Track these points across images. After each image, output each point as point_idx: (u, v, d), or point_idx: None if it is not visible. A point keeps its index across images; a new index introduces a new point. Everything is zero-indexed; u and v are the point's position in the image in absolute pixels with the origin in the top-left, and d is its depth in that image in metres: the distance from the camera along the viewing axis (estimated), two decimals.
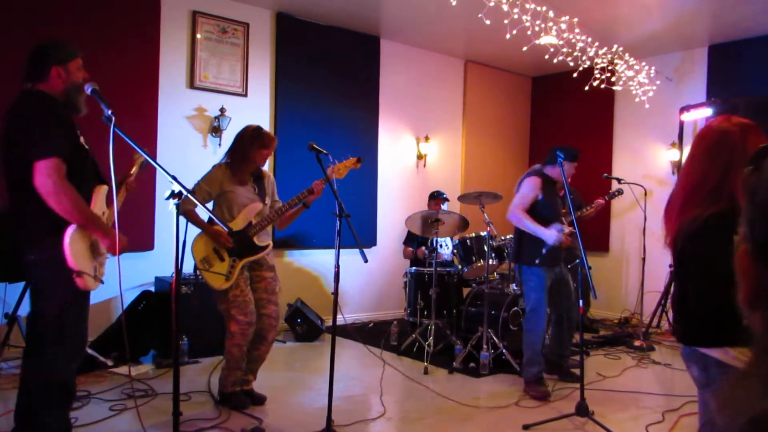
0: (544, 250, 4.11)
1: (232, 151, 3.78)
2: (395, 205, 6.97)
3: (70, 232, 2.47)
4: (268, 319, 3.77)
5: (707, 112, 6.18)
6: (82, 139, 2.66)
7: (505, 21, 4.85)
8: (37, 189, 2.44)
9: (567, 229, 4.06)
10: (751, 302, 0.68)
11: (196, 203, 3.30)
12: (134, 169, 3.04)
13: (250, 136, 3.74)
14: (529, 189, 4.23)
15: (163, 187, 5.25)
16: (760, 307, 0.67)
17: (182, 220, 2.43)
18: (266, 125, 6.02)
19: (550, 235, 4.05)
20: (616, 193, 5.16)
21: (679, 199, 1.92)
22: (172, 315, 2.48)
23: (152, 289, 5.13)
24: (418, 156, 7.28)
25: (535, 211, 4.21)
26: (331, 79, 6.43)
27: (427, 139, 7.27)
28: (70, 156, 2.51)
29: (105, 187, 2.71)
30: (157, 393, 3.94)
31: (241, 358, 3.71)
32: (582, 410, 3.60)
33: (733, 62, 6.47)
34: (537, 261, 4.14)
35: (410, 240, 6.12)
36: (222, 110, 5.59)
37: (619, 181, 6.13)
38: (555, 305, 4.43)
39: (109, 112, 2.52)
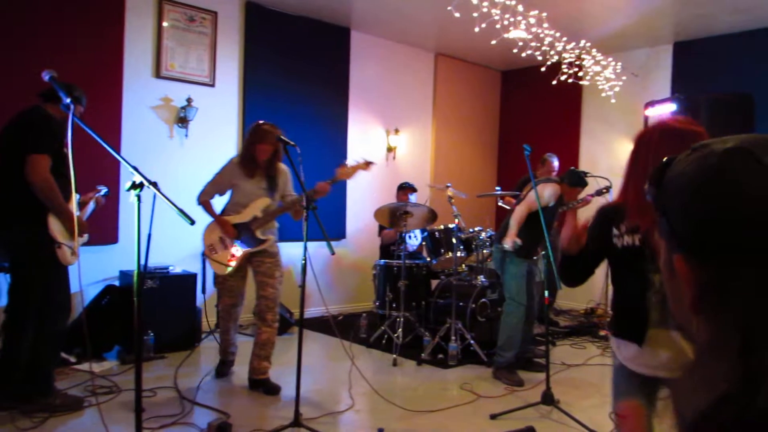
0: (509, 246, 4.26)
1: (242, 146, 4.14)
2: (365, 197, 6.95)
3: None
4: (265, 300, 3.96)
5: (671, 107, 6.29)
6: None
7: (475, 14, 4.86)
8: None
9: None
10: (695, 306, 0.68)
11: (210, 195, 3.99)
12: (90, 203, 3.78)
13: (249, 132, 3.95)
14: (549, 196, 4.29)
15: (127, 178, 5.15)
16: (702, 309, 0.67)
17: (144, 212, 2.37)
18: (234, 116, 5.95)
19: (508, 241, 4.23)
20: (604, 190, 5.20)
21: None
22: (135, 309, 2.43)
23: (117, 283, 5.03)
24: (387, 148, 7.27)
25: (537, 214, 4.28)
26: (300, 71, 6.37)
27: (397, 131, 7.27)
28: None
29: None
30: (122, 389, 3.87)
31: (227, 332, 4.17)
32: (548, 399, 3.66)
33: (697, 59, 6.60)
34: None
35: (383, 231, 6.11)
36: (189, 100, 5.49)
37: (585, 174, 6.18)
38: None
39: (68, 100, 2.45)
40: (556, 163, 5.93)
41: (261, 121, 3.96)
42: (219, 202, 4.22)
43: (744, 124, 5.21)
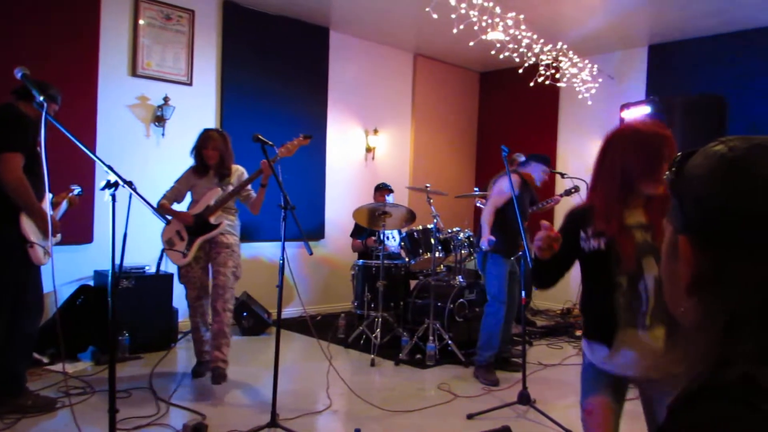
0: (485, 246, 4.27)
1: None
2: (344, 197, 6.95)
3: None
4: (215, 288, 4.03)
5: (646, 109, 6.38)
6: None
7: (453, 15, 4.89)
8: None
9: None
10: (690, 288, 0.71)
11: (170, 201, 4.18)
12: (63, 203, 3.74)
13: (196, 138, 4.19)
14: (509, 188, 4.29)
15: (102, 177, 5.08)
16: (696, 292, 0.70)
17: (119, 211, 2.35)
18: (212, 115, 5.91)
19: (483, 241, 4.28)
20: (573, 190, 5.27)
21: None
22: (110, 309, 2.40)
23: (91, 283, 4.96)
24: (366, 149, 7.27)
25: (508, 208, 4.29)
26: (279, 70, 6.34)
27: (376, 132, 7.28)
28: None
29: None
30: (96, 390, 3.82)
31: (197, 329, 4.17)
32: (524, 399, 3.70)
33: (672, 62, 6.71)
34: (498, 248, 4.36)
35: (357, 233, 6.12)
36: (166, 99, 5.44)
37: (562, 175, 6.29)
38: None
39: (41, 98, 2.42)
40: None
41: (209, 128, 4.31)
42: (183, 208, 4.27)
43: (717, 127, 5.30)
